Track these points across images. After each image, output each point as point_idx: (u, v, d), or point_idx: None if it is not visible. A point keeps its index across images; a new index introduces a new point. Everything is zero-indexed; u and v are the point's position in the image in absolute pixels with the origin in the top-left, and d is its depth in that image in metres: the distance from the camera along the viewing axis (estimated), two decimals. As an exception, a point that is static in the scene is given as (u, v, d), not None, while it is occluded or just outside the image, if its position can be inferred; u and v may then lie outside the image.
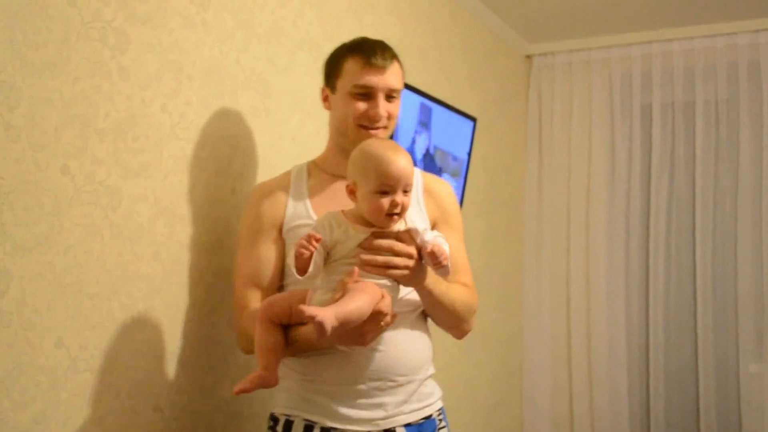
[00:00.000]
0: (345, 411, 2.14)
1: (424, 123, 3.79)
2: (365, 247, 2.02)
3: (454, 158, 4.09)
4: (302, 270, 1.97)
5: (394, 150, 2.05)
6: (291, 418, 2.19)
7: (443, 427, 2.33)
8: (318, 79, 2.64)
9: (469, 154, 4.20)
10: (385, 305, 2.00)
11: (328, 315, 1.83)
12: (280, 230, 2.32)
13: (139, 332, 2.22)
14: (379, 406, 2.17)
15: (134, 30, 2.17)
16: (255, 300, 2.26)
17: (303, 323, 2.05)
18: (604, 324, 5.03)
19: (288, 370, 2.21)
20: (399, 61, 2.36)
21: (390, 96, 2.31)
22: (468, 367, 4.50)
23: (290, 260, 2.01)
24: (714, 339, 4.78)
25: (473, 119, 4.20)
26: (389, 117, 2.31)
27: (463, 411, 4.41)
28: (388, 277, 2.04)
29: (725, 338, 4.78)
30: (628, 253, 5.05)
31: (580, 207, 5.16)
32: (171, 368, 2.34)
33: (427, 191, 2.43)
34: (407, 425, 2.21)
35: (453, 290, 2.28)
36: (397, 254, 2.03)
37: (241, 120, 2.60)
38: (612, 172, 5.12)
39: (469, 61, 4.46)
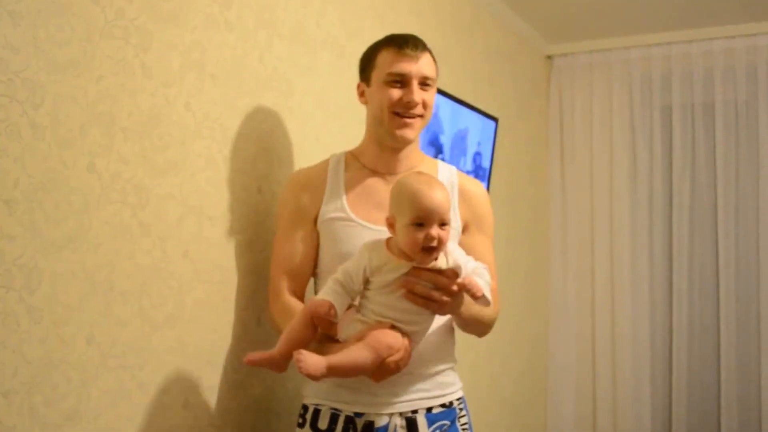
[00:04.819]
0: (368, 398, 2.23)
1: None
2: (409, 276, 2.06)
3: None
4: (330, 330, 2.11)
5: (429, 184, 2.07)
6: (319, 407, 2.29)
7: (464, 416, 2.40)
8: (341, 79, 2.66)
9: (492, 154, 4.19)
10: (394, 361, 2.05)
11: (320, 365, 1.95)
12: (316, 220, 2.39)
13: (169, 330, 2.22)
14: (400, 393, 2.25)
15: (157, 28, 2.18)
16: (288, 288, 2.37)
17: (336, 339, 2.15)
18: (629, 324, 5.05)
19: None
20: (431, 54, 2.41)
21: (424, 84, 2.35)
22: (494, 365, 4.49)
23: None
24: (736, 341, 4.81)
25: (495, 119, 4.20)
26: (425, 106, 2.36)
27: (489, 409, 4.41)
28: (426, 308, 2.09)
29: (747, 339, 4.79)
30: (651, 253, 5.07)
31: (604, 207, 5.17)
32: (201, 365, 2.34)
33: (462, 193, 2.47)
34: (428, 411, 2.29)
35: (481, 307, 2.29)
36: (438, 288, 2.07)
37: (264, 119, 2.60)
38: (634, 173, 5.14)
39: (490, 61, 4.46)
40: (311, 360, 1.95)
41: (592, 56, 5.24)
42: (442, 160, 3.10)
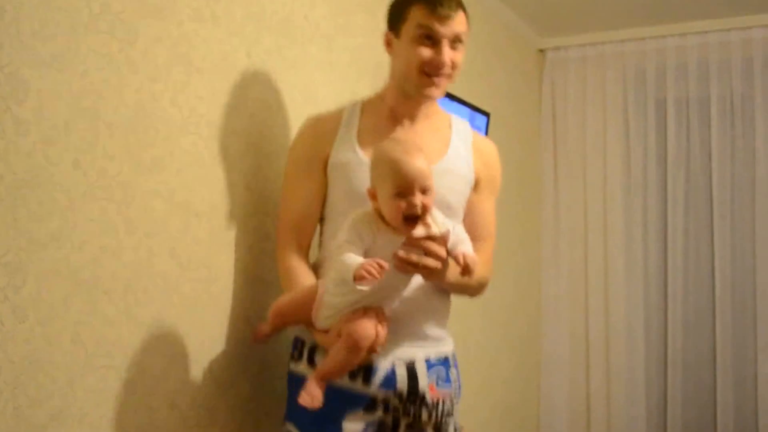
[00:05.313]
0: None
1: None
2: (404, 246, 2.07)
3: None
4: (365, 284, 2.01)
5: (407, 152, 2.06)
6: (315, 345, 2.28)
7: (455, 369, 2.44)
8: (330, 73, 2.64)
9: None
10: (374, 347, 2.09)
11: (318, 394, 2.04)
12: (325, 165, 2.38)
13: (155, 329, 2.20)
14: (401, 343, 2.27)
15: (143, 22, 2.15)
16: (294, 242, 2.38)
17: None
18: (622, 320, 5.02)
19: None
20: (465, 10, 2.36)
21: (455, 42, 2.31)
22: (485, 365, 4.46)
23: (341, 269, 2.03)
24: (732, 336, 4.76)
25: (487, 114, 4.17)
26: (453, 66, 2.33)
27: (480, 409, 4.38)
28: (417, 273, 2.12)
29: (743, 335, 4.75)
30: (645, 248, 5.03)
31: (597, 202, 5.14)
32: (187, 365, 2.32)
33: (476, 148, 2.49)
34: (426, 360, 2.32)
35: None
36: (429, 254, 2.09)
37: (252, 114, 2.57)
38: (628, 167, 5.10)
39: (481, 55, 4.43)
40: (312, 394, 2.03)
41: (585, 50, 5.21)
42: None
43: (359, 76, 3.11)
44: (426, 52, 2.28)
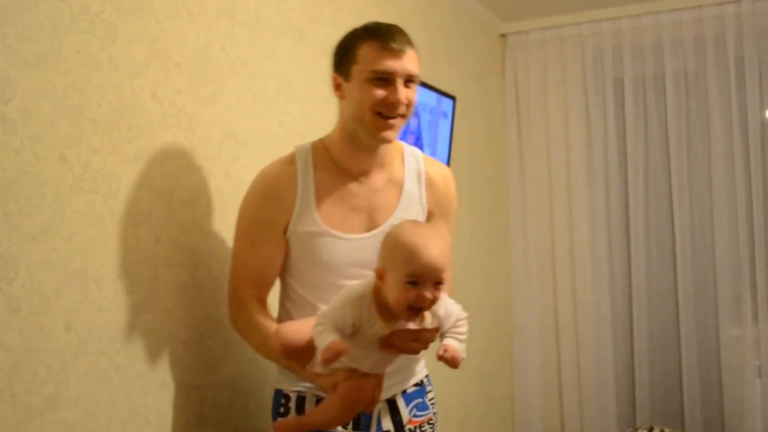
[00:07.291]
0: None
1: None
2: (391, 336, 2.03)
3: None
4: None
5: (427, 237, 1.96)
6: (302, 394, 2.29)
7: (431, 391, 2.51)
8: (302, 64, 2.69)
9: (451, 132, 4.26)
10: (365, 405, 2.07)
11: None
12: (285, 229, 2.28)
13: (144, 313, 2.27)
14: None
15: (122, 21, 2.22)
16: (256, 298, 2.30)
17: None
18: (589, 292, 5.17)
19: None
20: (414, 48, 2.29)
21: (408, 81, 2.23)
22: (461, 338, 4.56)
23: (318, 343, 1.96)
24: (694, 305, 4.93)
25: (453, 98, 4.26)
26: (408, 104, 2.23)
27: (457, 381, 4.48)
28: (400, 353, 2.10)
29: (705, 303, 4.93)
30: (609, 223, 5.18)
31: (561, 180, 5.27)
32: (176, 347, 2.39)
33: (429, 183, 2.42)
34: (404, 393, 2.39)
35: None
36: (418, 341, 2.09)
37: (228, 105, 2.65)
38: (589, 145, 5.23)
39: (446, 41, 4.52)
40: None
41: (544, 33, 5.30)
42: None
43: (329, 65, 3.17)
44: (380, 92, 2.18)
